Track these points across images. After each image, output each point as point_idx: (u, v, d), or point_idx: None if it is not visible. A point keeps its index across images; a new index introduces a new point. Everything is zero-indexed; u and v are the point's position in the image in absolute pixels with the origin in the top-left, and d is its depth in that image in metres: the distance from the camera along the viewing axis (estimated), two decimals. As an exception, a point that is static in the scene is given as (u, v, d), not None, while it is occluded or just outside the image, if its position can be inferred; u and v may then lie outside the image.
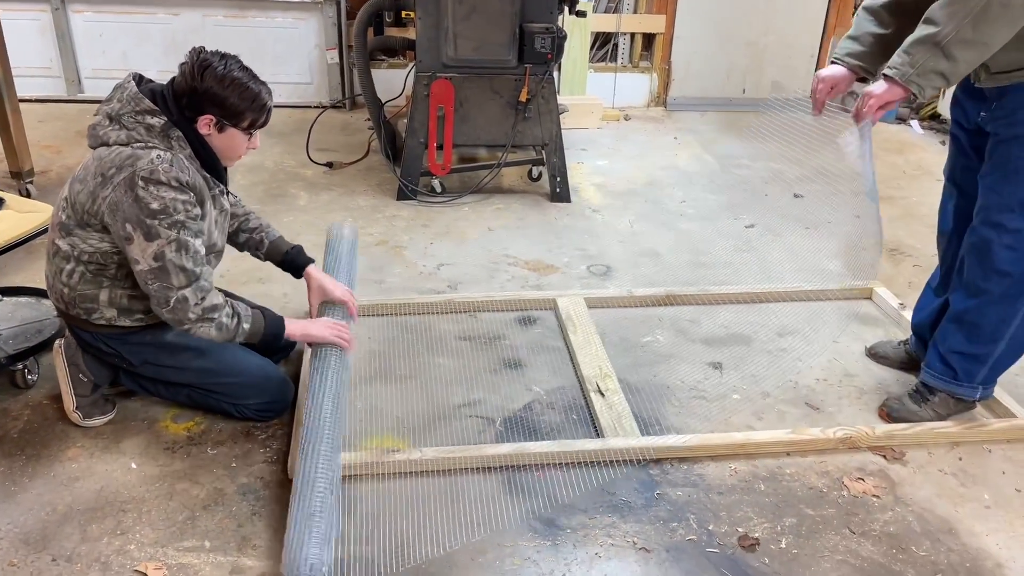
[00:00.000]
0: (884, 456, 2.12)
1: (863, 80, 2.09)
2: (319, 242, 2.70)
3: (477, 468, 2.00)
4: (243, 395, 2.10)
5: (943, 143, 4.39)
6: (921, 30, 1.81)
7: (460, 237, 3.27)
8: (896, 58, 1.85)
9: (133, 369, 2.09)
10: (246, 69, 1.90)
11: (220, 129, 1.91)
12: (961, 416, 2.25)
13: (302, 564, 1.53)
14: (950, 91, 2.39)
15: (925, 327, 2.38)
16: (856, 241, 3.33)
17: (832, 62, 2.11)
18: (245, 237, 2.26)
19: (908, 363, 2.47)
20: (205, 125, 1.89)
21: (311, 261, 2.28)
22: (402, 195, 3.57)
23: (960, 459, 2.12)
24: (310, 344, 2.12)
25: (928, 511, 1.94)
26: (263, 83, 1.93)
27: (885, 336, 2.63)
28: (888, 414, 2.24)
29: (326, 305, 2.22)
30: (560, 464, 2.03)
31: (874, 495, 1.99)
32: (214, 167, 1.97)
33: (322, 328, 2.08)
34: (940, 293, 2.32)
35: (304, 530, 1.59)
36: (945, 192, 2.27)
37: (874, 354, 2.54)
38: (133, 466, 1.99)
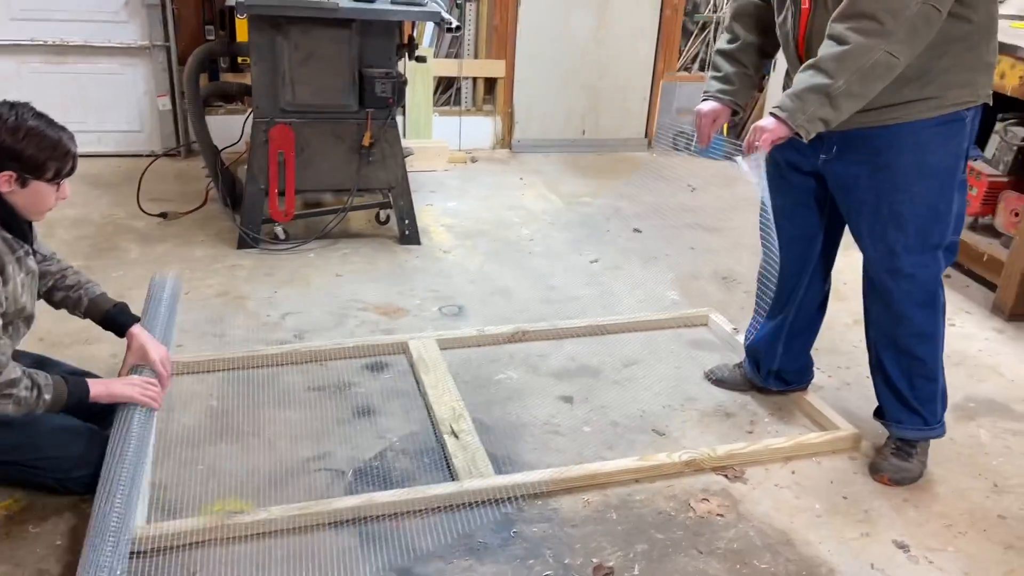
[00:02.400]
0: (726, 476, 2.22)
1: (735, 113, 2.26)
2: (152, 297, 2.56)
3: (328, 523, 1.93)
4: (67, 468, 1.94)
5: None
6: (813, 77, 1.88)
7: (306, 284, 3.19)
8: (788, 101, 1.92)
9: (-64, 450, 1.89)
10: (41, 116, 1.78)
11: (23, 184, 1.77)
12: (792, 432, 2.40)
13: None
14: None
15: (757, 350, 2.52)
16: (694, 270, 3.51)
17: (705, 99, 2.26)
18: (61, 295, 2.10)
19: (744, 384, 2.61)
20: (5, 182, 1.76)
21: (136, 320, 2.14)
22: (243, 243, 3.45)
23: (793, 472, 2.25)
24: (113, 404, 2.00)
25: (767, 525, 2.05)
26: (62, 128, 1.81)
27: (721, 360, 2.77)
28: (890, 479, 2.23)
29: (140, 367, 2.10)
30: (415, 512, 1.99)
31: (718, 514, 2.07)
32: (16, 226, 1.83)
33: (128, 387, 1.98)
34: (772, 317, 2.46)
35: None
36: (767, 228, 2.32)
37: (712, 378, 2.66)
38: (-63, 556, 1.79)
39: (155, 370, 2.08)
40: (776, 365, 2.49)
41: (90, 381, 1.94)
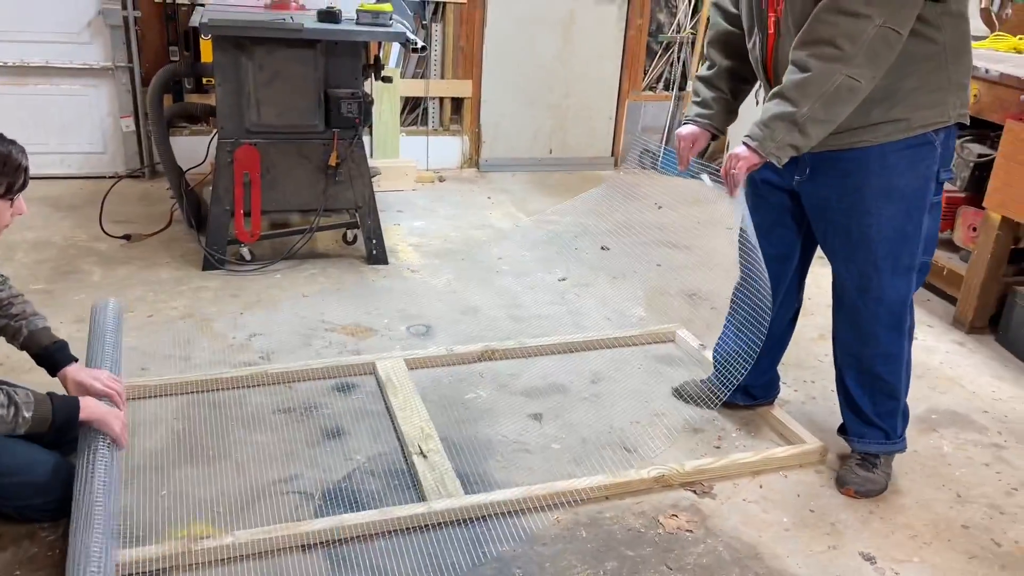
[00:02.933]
0: (695, 491, 2.23)
1: (714, 137, 2.29)
2: (114, 320, 2.52)
3: (296, 547, 1.91)
4: (25, 495, 1.89)
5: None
6: (778, 106, 1.91)
7: (273, 305, 3.17)
8: (757, 130, 1.95)
9: None
10: None
11: None
12: (759, 447, 2.42)
13: None
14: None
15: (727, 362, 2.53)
16: (661, 287, 3.54)
17: (685, 123, 2.29)
18: (3, 323, 2.05)
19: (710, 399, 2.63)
20: None
21: (72, 360, 2.07)
22: (208, 265, 3.41)
23: (761, 487, 2.27)
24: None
25: (736, 539, 2.06)
26: (12, 142, 1.80)
27: (689, 375, 2.79)
28: (856, 492, 2.25)
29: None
30: (384, 533, 1.98)
31: (687, 530, 2.08)
32: None
33: (113, 418, 1.93)
34: (736, 335, 2.47)
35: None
36: (749, 251, 2.30)
37: (680, 393, 2.68)
38: None
39: (109, 397, 2.02)
40: (744, 380, 2.52)
41: (81, 398, 1.89)
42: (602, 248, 3.97)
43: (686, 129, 2.28)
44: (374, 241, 3.61)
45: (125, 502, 2.03)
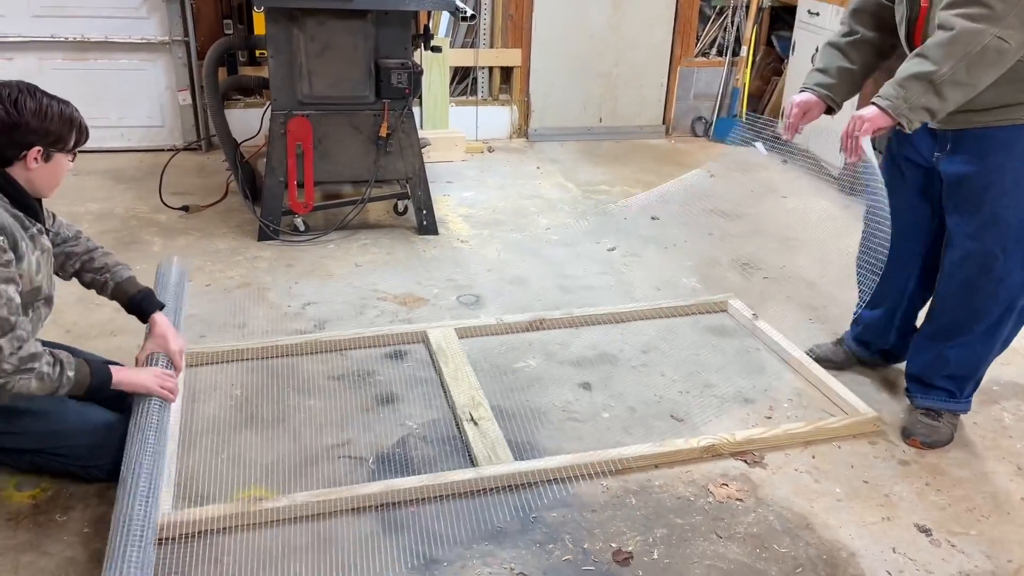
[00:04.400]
0: (745, 461, 2.22)
1: (830, 111, 2.20)
2: (174, 289, 2.59)
3: (350, 509, 1.96)
4: (92, 456, 1.97)
5: (784, 162, 4.69)
6: (917, 65, 1.84)
7: (326, 275, 3.22)
8: (890, 89, 1.88)
9: (-36, 439, 1.93)
10: (47, 93, 1.85)
11: (47, 159, 1.84)
12: (811, 417, 2.40)
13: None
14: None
15: (868, 334, 2.56)
16: (712, 256, 3.50)
17: (802, 90, 2.22)
18: (89, 278, 2.14)
19: (848, 361, 2.63)
20: (32, 159, 1.82)
21: (161, 307, 2.18)
22: (263, 235, 3.48)
23: (813, 457, 2.25)
24: (130, 393, 2.02)
25: (787, 509, 2.05)
26: (68, 102, 1.88)
27: (740, 345, 2.76)
28: (923, 443, 2.27)
29: (157, 355, 2.12)
30: (435, 497, 2.01)
31: (737, 499, 2.07)
32: (26, 204, 1.87)
33: (150, 377, 2.01)
34: (878, 306, 2.47)
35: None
36: (877, 214, 2.19)
37: (814, 355, 2.64)
38: (-30, 543, 1.83)
39: (172, 361, 2.12)
40: (888, 346, 2.54)
41: (112, 367, 1.98)
42: (652, 218, 3.93)
43: (802, 96, 2.19)
44: (424, 212, 3.64)
45: (188, 464, 2.10)
